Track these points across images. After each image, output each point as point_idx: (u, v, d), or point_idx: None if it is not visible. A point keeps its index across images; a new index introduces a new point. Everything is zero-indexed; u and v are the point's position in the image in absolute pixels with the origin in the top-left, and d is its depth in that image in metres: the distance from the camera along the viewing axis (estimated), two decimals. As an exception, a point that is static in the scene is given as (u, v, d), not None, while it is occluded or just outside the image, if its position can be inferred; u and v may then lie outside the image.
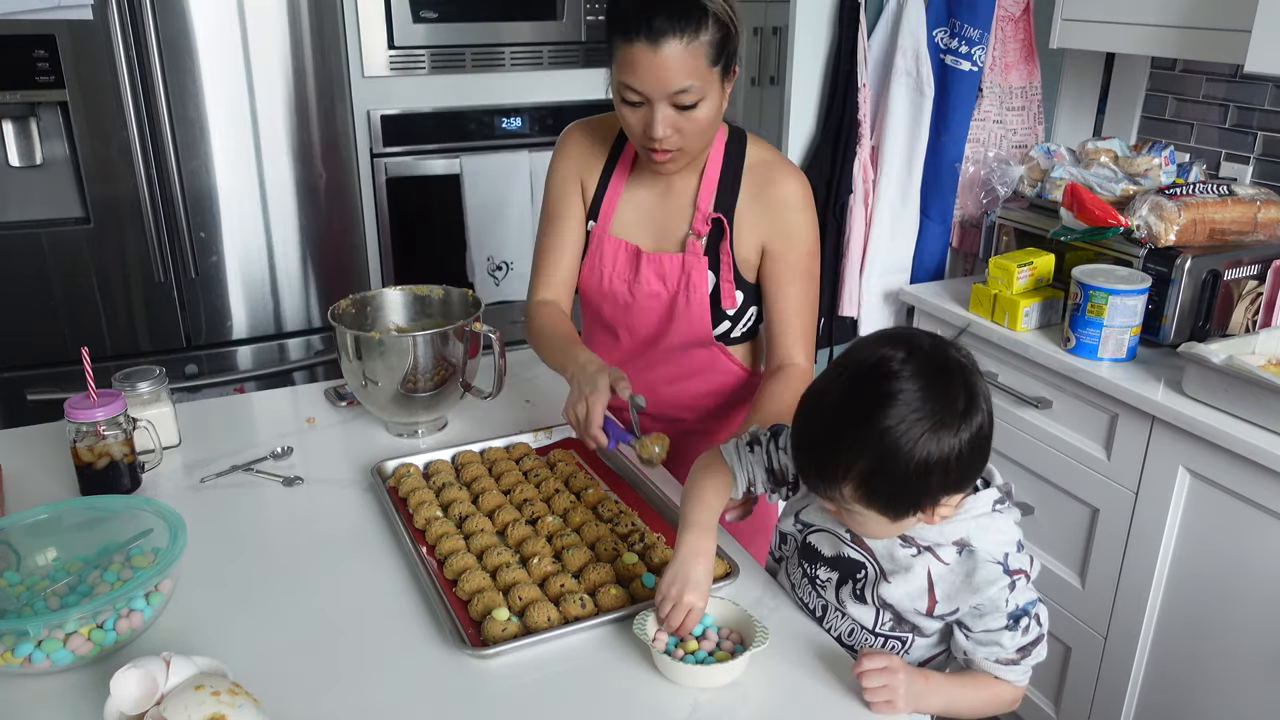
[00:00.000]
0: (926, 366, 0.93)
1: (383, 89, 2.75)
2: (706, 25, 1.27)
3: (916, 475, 0.93)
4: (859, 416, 0.93)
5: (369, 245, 2.81)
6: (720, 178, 1.46)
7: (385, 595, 1.18)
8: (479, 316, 1.53)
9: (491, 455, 1.48)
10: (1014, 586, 1.02)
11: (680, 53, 1.26)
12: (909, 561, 1.05)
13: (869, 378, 0.94)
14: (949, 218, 2.42)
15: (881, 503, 0.96)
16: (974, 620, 1.04)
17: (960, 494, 1.00)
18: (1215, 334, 1.88)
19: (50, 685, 1.03)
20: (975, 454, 0.95)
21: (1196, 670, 1.76)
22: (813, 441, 0.98)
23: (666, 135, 1.33)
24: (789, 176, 1.47)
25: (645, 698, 1.02)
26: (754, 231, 1.46)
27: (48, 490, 1.40)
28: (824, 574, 1.14)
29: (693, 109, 1.32)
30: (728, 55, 1.32)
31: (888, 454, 0.92)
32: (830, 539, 1.12)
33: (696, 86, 1.29)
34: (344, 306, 1.58)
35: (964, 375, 0.95)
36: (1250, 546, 1.63)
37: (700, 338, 1.53)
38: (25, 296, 2.37)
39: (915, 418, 0.91)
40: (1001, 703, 1.08)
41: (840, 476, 0.95)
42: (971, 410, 0.94)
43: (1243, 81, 2.12)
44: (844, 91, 2.37)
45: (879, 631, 1.11)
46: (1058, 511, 1.99)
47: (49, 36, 2.20)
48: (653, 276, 1.51)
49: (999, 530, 1.03)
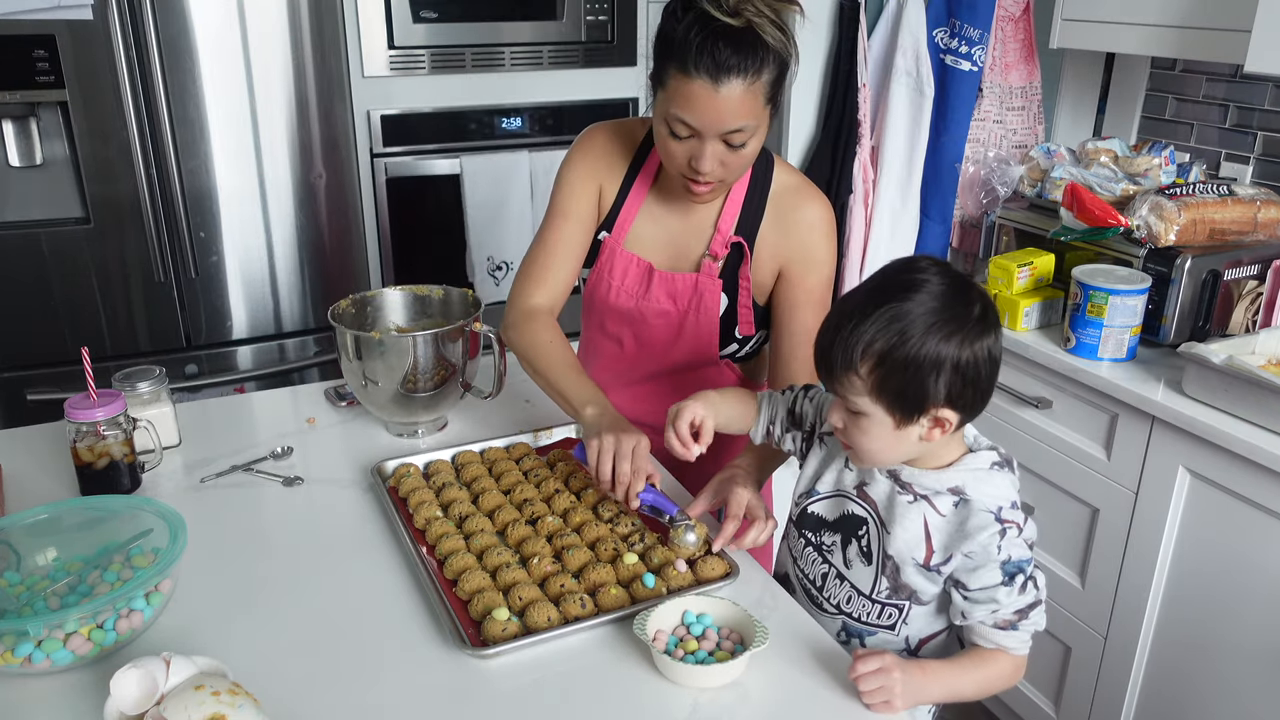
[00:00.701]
0: (951, 276, 1.03)
1: (383, 89, 2.74)
2: (769, 64, 1.23)
3: (928, 364, 0.99)
4: (884, 299, 1.01)
5: (369, 245, 2.81)
6: (745, 202, 1.44)
7: (385, 595, 1.18)
8: (479, 316, 1.53)
9: (491, 455, 1.48)
10: (1004, 534, 1.04)
11: (741, 93, 1.22)
12: (906, 509, 1.09)
13: (898, 271, 1.05)
14: (949, 218, 2.42)
15: (891, 394, 1.01)
16: (968, 576, 1.06)
17: (960, 415, 1.04)
18: (1215, 334, 1.88)
19: (50, 685, 1.03)
20: (982, 371, 1.02)
21: (1196, 670, 1.76)
22: (838, 320, 1.04)
23: (715, 167, 1.29)
24: (814, 201, 1.45)
25: (645, 698, 1.02)
26: (773, 255, 1.45)
27: (48, 490, 1.40)
28: (828, 539, 1.17)
29: (742, 147, 1.28)
30: (780, 91, 1.29)
31: (905, 334, 0.99)
32: (835, 502, 1.17)
33: (751, 126, 1.26)
34: (344, 306, 1.58)
35: (983, 296, 1.04)
36: (1250, 546, 1.63)
37: (707, 357, 1.53)
38: (25, 296, 2.36)
39: (934, 306, 1.00)
40: (1003, 677, 1.08)
41: (858, 355, 1.01)
42: (985, 326, 1.02)
43: (1243, 81, 2.12)
44: (844, 91, 2.37)
45: (875, 598, 1.13)
46: (1058, 511, 1.99)
47: (49, 36, 2.20)
48: (663, 295, 1.48)
49: (995, 484, 1.08)
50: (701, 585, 1.17)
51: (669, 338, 1.52)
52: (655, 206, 1.48)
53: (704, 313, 1.47)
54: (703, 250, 1.46)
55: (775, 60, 1.24)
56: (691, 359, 1.53)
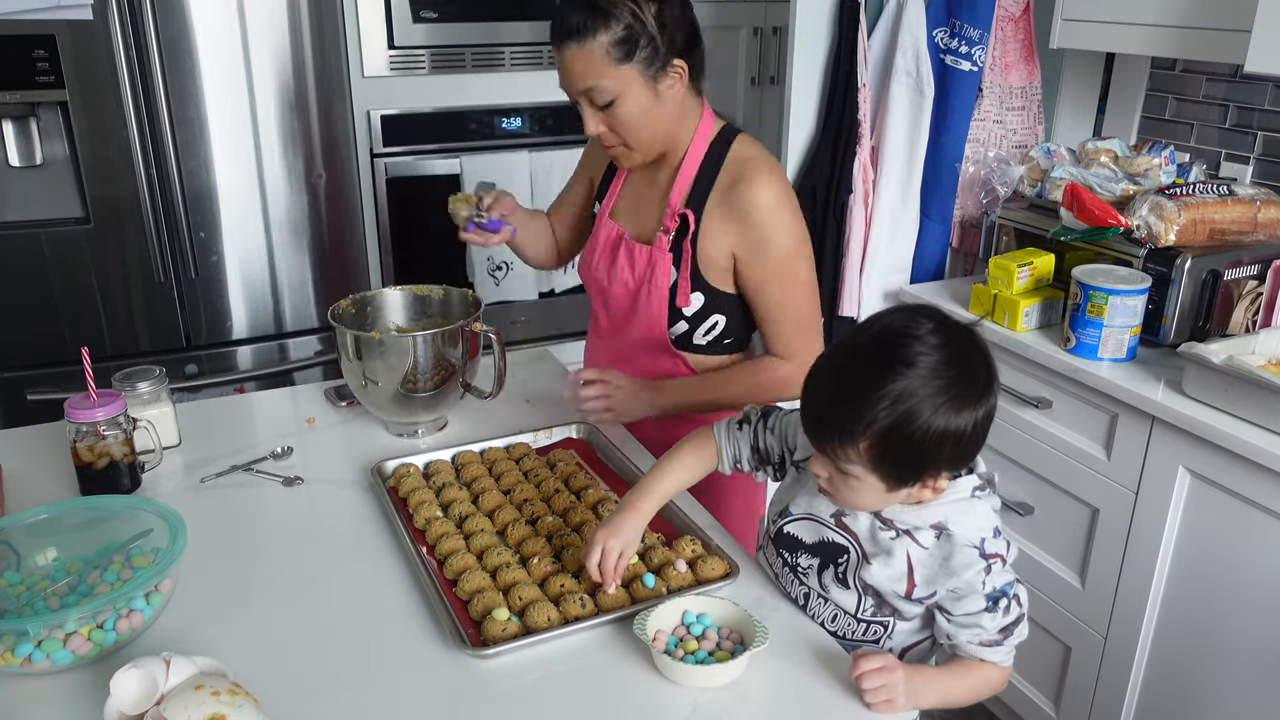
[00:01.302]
0: (954, 338, 0.97)
1: (383, 89, 2.75)
2: (606, 26, 1.32)
3: (932, 442, 0.95)
4: (884, 372, 0.94)
5: (369, 245, 2.81)
6: (697, 175, 1.47)
7: (385, 595, 1.18)
8: (479, 316, 1.53)
9: (491, 455, 1.48)
10: (990, 570, 1.03)
11: (577, 54, 1.34)
12: (889, 544, 1.07)
13: (898, 338, 0.96)
14: (949, 218, 2.42)
15: (888, 466, 0.97)
16: (953, 604, 1.06)
17: (954, 473, 1.02)
18: (1215, 334, 1.88)
19: (50, 685, 1.03)
20: (982, 434, 0.99)
21: (1196, 670, 1.76)
22: (836, 397, 0.98)
23: (600, 132, 1.41)
24: (759, 180, 1.42)
25: (645, 698, 1.02)
26: (723, 236, 1.45)
27: (48, 490, 1.40)
28: (805, 561, 1.15)
29: (612, 107, 1.37)
30: (648, 51, 1.34)
31: (911, 415, 0.94)
32: (811, 525, 1.14)
33: (605, 86, 1.35)
34: (344, 306, 1.58)
35: (984, 354, 0.99)
36: (1250, 546, 1.63)
37: (657, 336, 1.53)
38: (25, 296, 2.37)
39: (941, 384, 0.94)
40: (990, 686, 1.09)
41: (860, 433, 0.95)
42: (989, 388, 0.98)
43: (1243, 81, 2.12)
44: (844, 91, 2.37)
45: (861, 617, 1.12)
46: (1058, 511, 1.99)
47: (49, 36, 2.20)
48: (626, 265, 1.53)
49: (976, 516, 1.05)
50: (701, 585, 1.17)
51: (627, 312, 1.56)
52: (633, 178, 1.58)
53: (655, 286, 1.50)
54: (658, 223, 1.51)
55: (614, 21, 1.32)
56: (646, 337, 1.54)
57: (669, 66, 1.37)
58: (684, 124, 1.46)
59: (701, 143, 1.47)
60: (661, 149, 1.47)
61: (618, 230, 1.55)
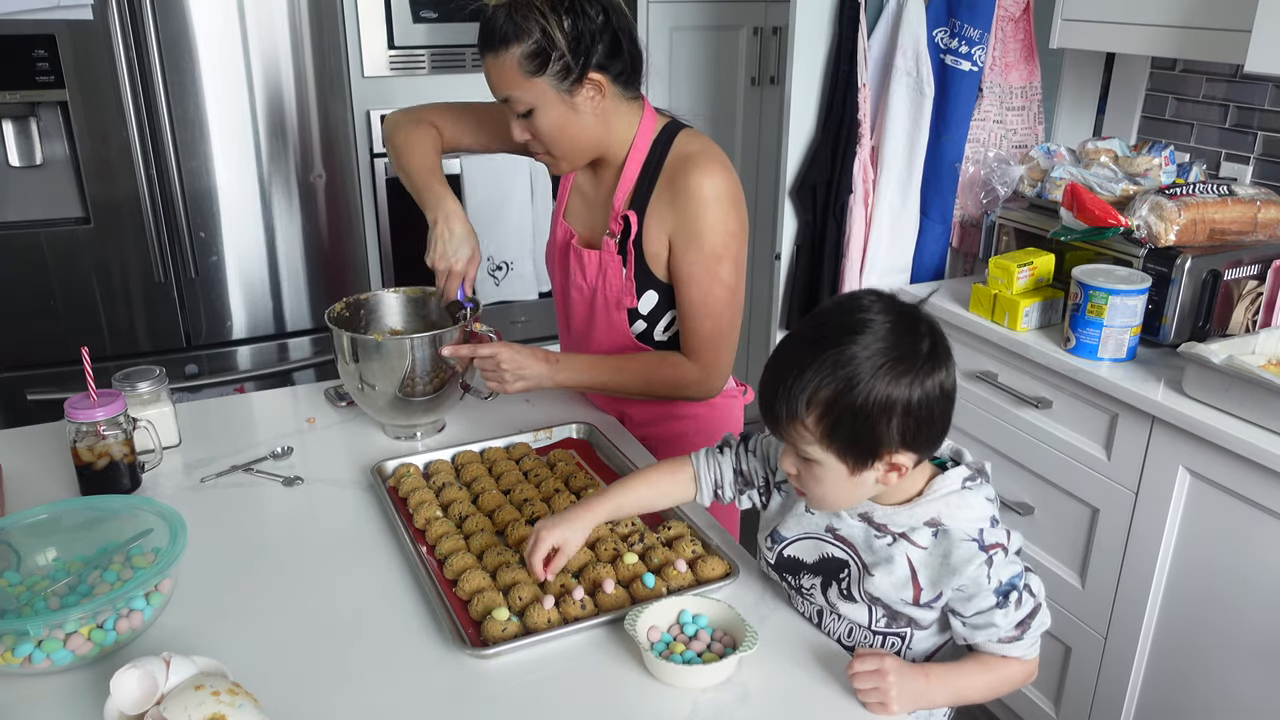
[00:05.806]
0: (897, 310, 0.98)
1: (383, 89, 2.75)
2: (518, 39, 1.33)
3: (876, 410, 0.95)
4: (827, 343, 0.96)
5: (369, 245, 2.81)
6: (639, 176, 1.47)
7: (385, 595, 1.18)
8: (479, 317, 1.53)
9: (491, 455, 1.48)
10: (992, 562, 1.01)
11: (493, 64, 1.36)
12: (888, 551, 1.05)
13: (840, 311, 1.00)
14: (949, 218, 2.42)
15: (843, 441, 0.97)
16: (963, 604, 1.03)
17: (916, 455, 1.00)
18: (1215, 334, 1.88)
19: (50, 685, 1.03)
20: (935, 409, 0.98)
21: (1196, 670, 1.76)
22: (780, 369, 0.99)
23: (525, 139, 1.44)
24: (703, 169, 1.40)
25: (645, 698, 1.02)
26: (661, 227, 1.45)
27: (48, 490, 1.40)
28: (808, 581, 1.13)
29: (530, 117, 1.39)
30: (560, 66, 1.34)
31: (851, 379, 0.94)
32: (809, 544, 1.12)
33: (519, 97, 1.37)
34: (338, 310, 1.56)
35: (931, 329, 0.99)
36: (1250, 546, 1.63)
37: (621, 339, 1.54)
38: (25, 296, 2.37)
39: (881, 347, 0.95)
40: (1012, 681, 1.06)
41: (806, 403, 0.96)
42: (935, 361, 0.97)
43: (1243, 81, 2.12)
44: (844, 91, 2.37)
45: (875, 629, 1.10)
46: (1057, 511, 1.99)
47: (49, 36, 2.20)
48: (578, 269, 1.54)
49: (970, 507, 1.04)
50: (701, 585, 1.17)
51: (586, 317, 1.57)
52: (580, 180, 1.58)
53: (609, 288, 1.51)
54: (604, 228, 1.52)
55: (525, 35, 1.32)
56: (611, 340, 1.55)
57: (584, 80, 1.37)
58: (614, 131, 1.45)
59: (644, 143, 1.47)
60: (590, 157, 1.47)
61: (571, 232, 1.57)
